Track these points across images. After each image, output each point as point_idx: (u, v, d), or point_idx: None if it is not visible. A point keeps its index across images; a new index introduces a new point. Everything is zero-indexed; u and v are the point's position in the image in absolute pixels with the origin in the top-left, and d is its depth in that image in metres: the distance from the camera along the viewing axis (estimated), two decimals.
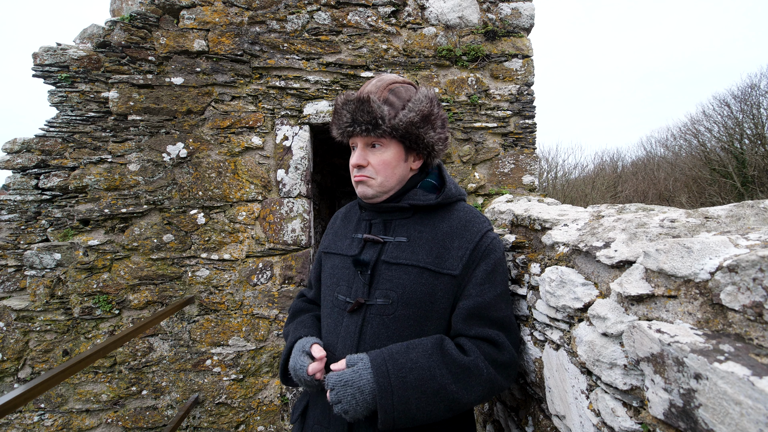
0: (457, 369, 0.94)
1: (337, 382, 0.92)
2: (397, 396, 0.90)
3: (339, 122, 1.06)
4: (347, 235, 1.17)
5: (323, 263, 1.22)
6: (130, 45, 2.32)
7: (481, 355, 0.98)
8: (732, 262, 0.56)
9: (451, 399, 0.92)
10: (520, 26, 2.55)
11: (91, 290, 2.29)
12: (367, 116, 1.01)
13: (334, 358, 1.03)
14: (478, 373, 0.95)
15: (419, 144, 1.07)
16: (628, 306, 0.75)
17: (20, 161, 2.35)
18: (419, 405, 0.91)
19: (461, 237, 1.04)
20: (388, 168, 1.06)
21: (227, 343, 2.35)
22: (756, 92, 13.29)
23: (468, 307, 1.00)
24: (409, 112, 1.04)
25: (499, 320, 1.03)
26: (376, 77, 1.11)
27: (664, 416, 0.62)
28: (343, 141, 1.12)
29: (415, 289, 1.00)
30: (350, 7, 2.43)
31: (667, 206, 1.55)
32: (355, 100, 1.03)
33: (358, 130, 1.02)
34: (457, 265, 1.01)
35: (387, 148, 1.05)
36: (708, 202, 13.09)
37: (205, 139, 2.36)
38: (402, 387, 0.90)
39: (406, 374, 0.91)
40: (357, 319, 1.03)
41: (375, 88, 1.06)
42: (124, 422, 2.31)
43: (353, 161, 1.07)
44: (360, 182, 1.08)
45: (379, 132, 1.02)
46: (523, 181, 2.54)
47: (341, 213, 1.29)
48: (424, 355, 0.94)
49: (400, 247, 1.05)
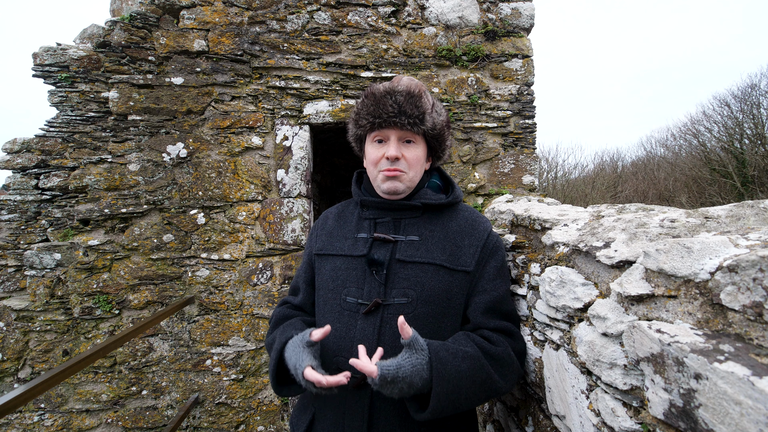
0: (495, 359, 0.97)
1: (395, 373, 0.84)
2: (453, 384, 0.88)
3: (379, 111, 1.02)
4: (347, 236, 1.13)
5: (319, 266, 1.15)
6: (130, 45, 2.32)
7: (507, 345, 1.02)
8: (732, 262, 0.56)
9: (494, 388, 0.95)
10: (520, 26, 2.55)
11: (91, 290, 2.29)
12: (416, 110, 1.02)
13: (347, 366, 0.98)
14: (511, 362, 1.00)
15: (441, 146, 1.13)
16: (628, 306, 0.75)
17: (20, 161, 2.35)
18: (468, 394, 0.91)
19: (471, 235, 1.08)
20: (419, 165, 1.08)
21: (227, 343, 2.35)
22: (756, 92, 13.30)
23: (486, 302, 1.04)
24: (439, 116, 1.09)
25: (509, 313, 1.09)
26: (402, 78, 1.11)
27: (664, 416, 0.62)
28: (364, 132, 1.09)
29: (433, 286, 1.01)
30: (350, 7, 2.43)
31: (667, 206, 1.55)
32: (403, 92, 1.02)
33: (404, 122, 1.01)
34: (470, 262, 1.05)
35: (419, 145, 1.08)
36: (708, 202, 13.08)
37: (205, 139, 2.36)
38: (458, 377, 0.89)
39: (460, 363, 0.91)
40: (374, 320, 1.00)
41: (415, 86, 1.06)
42: (124, 422, 2.31)
43: (391, 152, 1.03)
44: (392, 177, 1.05)
45: (422, 128, 1.03)
46: (523, 181, 2.54)
47: (332, 213, 1.24)
48: (471, 347, 0.95)
49: (413, 246, 1.05)
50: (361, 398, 0.98)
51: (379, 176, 1.07)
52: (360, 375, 0.96)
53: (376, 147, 1.08)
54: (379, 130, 1.05)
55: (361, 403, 0.98)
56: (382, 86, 1.05)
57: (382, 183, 1.07)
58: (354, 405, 0.99)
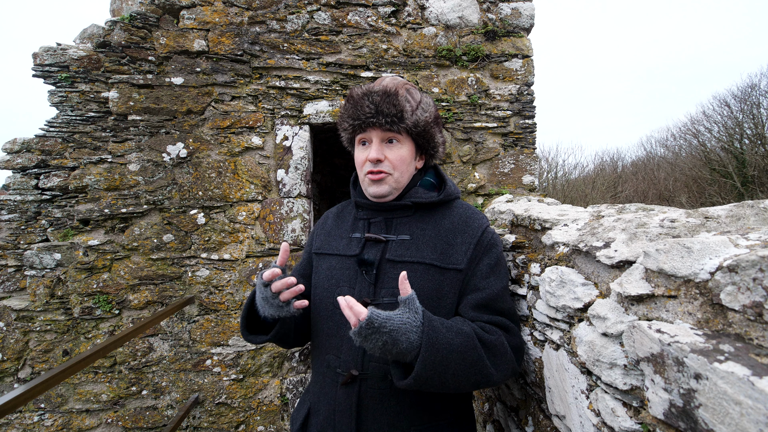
0: (488, 346, 0.95)
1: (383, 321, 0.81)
2: (441, 355, 0.85)
3: (357, 113, 1.03)
4: (343, 235, 1.14)
5: (316, 264, 1.17)
6: (130, 45, 2.32)
7: (503, 335, 1.00)
8: (732, 262, 0.56)
9: (484, 373, 0.92)
10: (520, 26, 2.55)
11: (91, 290, 2.29)
12: (393, 108, 1.01)
13: (339, 361, 1.02)
14: (504, 351, 0.97)
15: (430, 144, 1.10)
16: (628, 306, 0.75)
17: (20, 161, 2.35)
18: (456, 371, 0.88)
19: (464, 233, 1.06)
20: (404, 164, 1.07)
21: (227, 343, 2.35)
22: (756, 92, 13.30)
23: (478, 299, 1.02)
24: (424, 112, 1.07)
25: (506, 311, 1.06)
26: (386, 77, 1.10)
27: (664, 416, 0.62)
28: (351, 135, 1.09)
29: (422, 286, 1.01)
30: (350, 7, 2.43)
31: (667, 206, 1.55)
32: (380, 91, 1.02)
33: (382, 122, 1.01)
34: (462, 260, 1.03)
35: (403, 144, 1.06)
36: (708, 202, 13.08)
37: (205, 139, 2.36)
38: (447, 349, 0.86)
39: (453, 337, 0.88)
40: None
41: (393, 84, 1.05)
42: (124, 422, 2.31)
43: (372, 155, 1.03)
44: (376, 181, 1.04)
45: (402, 126, 1.02)
46: (523, 181, 2.54)
47: (332, 213, 1.26)
48: (465, 325, 0.94)
49: (404, 245, 1.05)
50: (349, 395, 1.00)
51: (365, 180, 1.07)
52: (348, 372, 0.99)
53: (360, 149, 1.08)
54: (361, 132, 1.05)
55: (349, 400, 0.99)
56: (361, 88, 1.05)
57: (368, 187, 1.07)
58: (343, 401, 1.00)
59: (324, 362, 1.06)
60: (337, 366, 1.02)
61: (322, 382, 1.07)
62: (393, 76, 1.11)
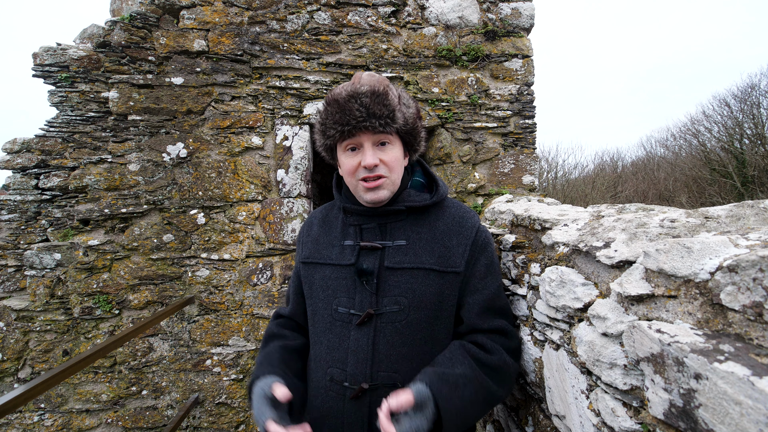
0: (492, 369, 0.98)
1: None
2: (460, 417, 0.89)
3: (345, 117, 0.94)
4: (333, 243, 1.09)
5: (308, 274, 1.11)
6: (130, 45, 2.32)
7: (502, 350, 1.02)
8: (732, 262, 0.56)
9: (494, 399, 0.97)
10: (520, 26, 2.55)
11: (91, 290, 2.29)
12: (385, 109, 0.94)
13: (345, 374, 0.99)
14: (507, 369, 1.01)
15: (416, 140, 1.07)
16: (628, 306, 0.75)
17: (20, 161, 2.35)
18: (473, 414, 0.93)
19: (459, 234, 1.05)
20: (399, 165, 1.03)
21: (227, 343, 2.35)
22: (756, 92, 13.30)
23: (480, 301, 1.03)
24: (408, 108, 1.03)
25: (502, 308, 1.08)
26: (362, 75, 1.02)
27: (664, 416, 0.62)
28: (334, 142, 1.01)
29: (424, 291, 1.00)
30: (350, 7, 2.43)
31: (667, 206, 1.55)
32: (368, 92, 0.94)
33: (375, 124, 0.94)
34: (460, 262, 1.03)
35: (394, 145, 1.02)
36: (708, 202, 13.08)
37: (205, 139, 2.36)
38: (461, 405, 0.90)
39: (462, 392, 0.91)
40: (368, 330, 0.99)
41: (378, 82, 0.99)
42: (124, 422, 2.31)
43: (368, 161, 0.96)
44: (373, 188, 0.99)
45: (396, 126, 0.98)
46: (523, 181, 2.54)
47: (317, 218, 1.19)
48: (468, 366, 0.95)
49: (401, 251, 1.03)
50: (360, 408, 0.97)
51: (360, 187, 1.01)
52: (358, 386, 0.97)
53: (349, 156, 1.00)
54: (350, 137, 0.97)
55: (360, 413, 0.97)
56: (344, 90, 0.97)
57: (365, 194, 1.01)
58: (353, 414, 0.98)
59: (326, 376, 1.02)
60: (344, 380, 0.99)
61: (324, 396, 1.02)
62: (370, 73, 1.03)
